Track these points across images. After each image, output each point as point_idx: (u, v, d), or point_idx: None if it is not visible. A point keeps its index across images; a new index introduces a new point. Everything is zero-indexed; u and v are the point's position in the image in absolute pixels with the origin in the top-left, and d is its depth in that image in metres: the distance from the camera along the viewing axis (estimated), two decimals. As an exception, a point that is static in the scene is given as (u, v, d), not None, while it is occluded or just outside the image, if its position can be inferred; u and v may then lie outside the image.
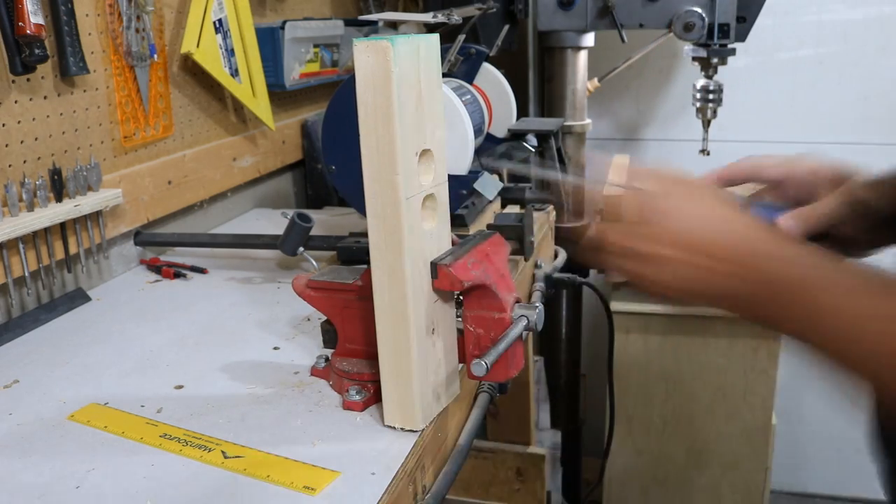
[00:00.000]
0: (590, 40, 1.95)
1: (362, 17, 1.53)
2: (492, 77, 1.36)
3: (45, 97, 1.12)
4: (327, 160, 1.15)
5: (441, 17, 1.26)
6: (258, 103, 1.56)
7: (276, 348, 0.98)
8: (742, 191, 0.98)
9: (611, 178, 0.84)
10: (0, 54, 1.03)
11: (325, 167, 1.16)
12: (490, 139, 1.34)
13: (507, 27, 1.60)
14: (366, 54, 0.67)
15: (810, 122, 2.27)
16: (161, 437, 0.77)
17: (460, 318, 0.79)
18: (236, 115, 1.59)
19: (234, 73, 1.49)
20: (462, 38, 1.27)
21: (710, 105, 1.89)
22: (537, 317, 0.75)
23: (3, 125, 1.06)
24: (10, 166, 1.07)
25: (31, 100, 1.09)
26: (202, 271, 1.26)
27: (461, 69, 1.31)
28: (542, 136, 1.36)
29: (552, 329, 2.16)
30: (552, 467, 1.79)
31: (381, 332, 0.74)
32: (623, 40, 1.79)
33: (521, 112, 1.76)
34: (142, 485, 0.70)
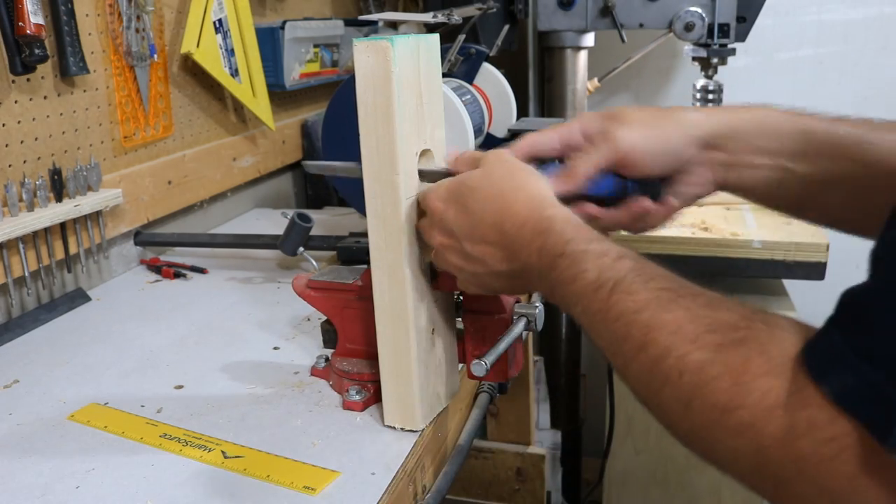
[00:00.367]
0: (590, 40, 1.95)
1: (362, 17, 1.53)
2: (492, 77, 1.36)
3: (45, 97, 1.12)
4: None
5: (441, 17, 1.26)
6: (258, 103, 1.56)
7: (276, 348, 0.98)
8: None
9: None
10: (0, 54, 1.03)
11: (325, 167, 1.16)
12: (490, 139, 1.34)
13: (507, 27, 1.60)
14: (366, 54, 0.67)
15: (810, 122, 2.27)
16: (161, 437, 0.77)
17: (460, 318, 0.79)
18: (236, 115, 1.59)
19: (234, 73, 1.49)
20: (462, 38, 1.27)
21: (710, 105, 1.89)
22: (537, 317, 0.75)
23: (3, 125, 1.06)
24: (10, 166, 1.07)
25: (31, 100, 1.09)
26: (202, 271, 1.26)
27: (461, 69, 1.31)
28: (542, 136, 1.36)
29: (552, 329, 2.15)
30: (552, 467, 1.79)
31: (381, 332, 0.74)
32: (623, 40, 1.79)
33: (521, 112, 1.76)
34: (142, 485, 0.70)
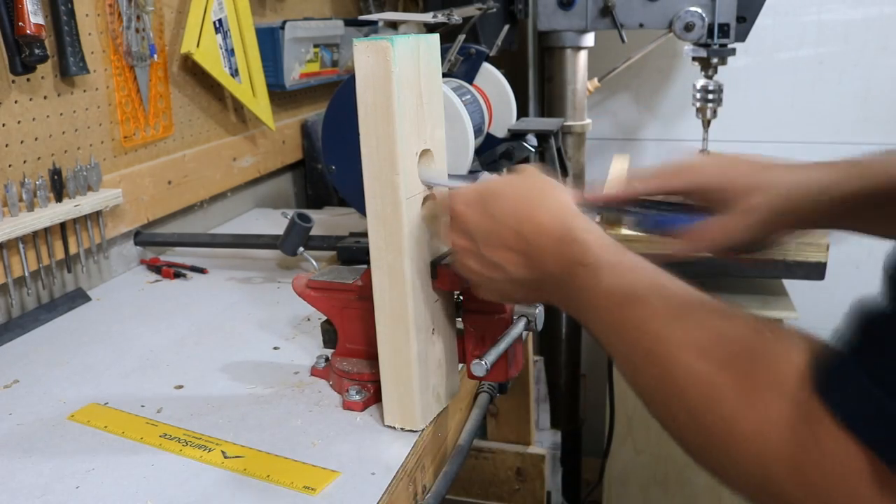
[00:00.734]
0: (590, 40, 1.95)
1: (362, 17, 1.52)
2: (492, 77, 1.36)
3: (45, 97, 1.12)
4: (327, 160, 1.15)
5: (441, 17, 1.26)
6: (258, 103, 1.56)
7: (276, 348, 0.98)
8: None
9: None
10: (0, 54, 1.03)
11: (325, 167, 1.16)
12: (490, 139, 1.34)
13: (507, 27, 1.60)
14: (366, 54, 0.67)
15: (810, 122, 2.27)
16: (161, 437, 0.77)
17: (460, 318, 0.79)
18: (236, 115, 1.59)
19: (234, 73, 1.49)
20: (462, 38, 1.27)
21: (710, 105, 1.89)
22: (537, 317, 0.75)
23: (3, 125, 1.06)
24: (10, 166, 1.07)
25: (31, 100, 1.09)
26: (202, 271, 1.26)
27: (461, 69, 1.31)
28: (542, 136, 1.36)
29: (552, 329, 2.15)
30: (552, 467, 1.79)
31: (381, 332, 0.74)
32: (623, 40, 1.79)
33: (521, 112, 1.76)
34: (142, 485, 0.70)
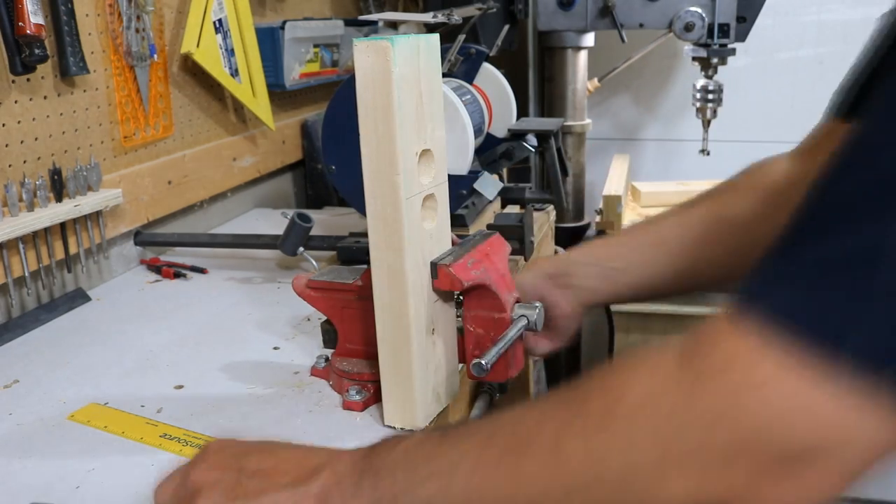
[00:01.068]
0: (590, 40, 1.95)
1: (362, 17, 1.53)
2: (492, 77, 1.36)
3: (45, 97, 1.12)
4: (327, 160, 1.15)
5: (441, 17, 1.26)
6: (258, 103, 1.56)
7: (276, 348, 0.98)
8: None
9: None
10: (0, 54, 1.03)
11: (325, 167, 1.16)
12: (490, 139, 1.34)
13: (507, 27, 1.59)
14: (366, 54, 0.67)
15: (810, 122, 2.25)
16: (161, 437, 0.77)
17: (460, 318, 0.79)
18: (236, 115, 1.59)
19: (234, 73, 1.49)
20: (462, 38, 1.27)
21: (710, 105, 1.89)
22: (537, 317, 0.75)
23: (3, 125, 1.06)
24: (10, 166, 1.07)
25: (31, 100, 1.09)
26: (202, 271, 1.26)
27: (461, 69, 1.31)
28: (542, 136, 1.36)
29: (552, 329, 2.15)
30: (552, 467, 1.79)
31: (381, 332, 0.74)
32: (623, 40, 1.80)
33: (521, 112, 1.76)
34: (142, 485, 0.70)
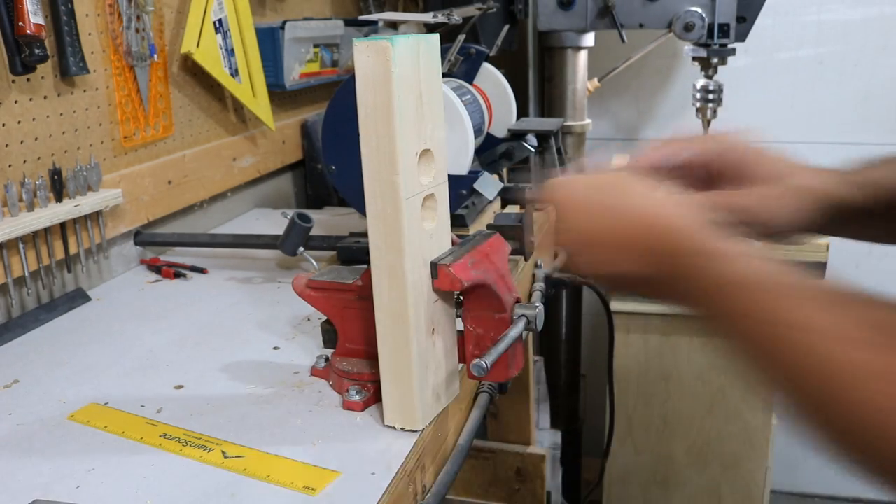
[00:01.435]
0: (590, 40, 1.95)
1: (362, 17, 1.52)
2: (492, 77, 1.36)
3: (45, 97, 1.12)
4: (327, 160, 1.15)
5: (441, 17, 1.26)
6: (258, 103, 1.56)
7: (276, 348, 0.98)
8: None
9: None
10: (0, 54, 1.03)
11: (325, 167, 1.16)
12: (490, 139, 1.34)
13: (507, 27, 1.60)
14: (366, 54, 0.67)
15: (810, 122, 2.27)
16: (161, 437, 0.77)
17: (460, 318, 0.79)
18: (236, 115, 1.59)
19: (234, 73, 1.49)
20: (462, 38, 1.27)
21: (710, 105, 1.89)
22: (537, 317, 0.75)
23: (3, 125, 1.06)
24: (10, 166, 1.07)
25: (31, 100, 1.09)
26: (202, 271, 1.26)
27: (461, 69, 1.31)
28: (542, 136, 1.36)
29: (552, 329, 2.16)
30: (552, 467, 1.79)
31: (381, 332, 0.74)
32: (623, 40, 1.80)
33: (521, 112, 1.76)
34: (142, 485, 0.70)
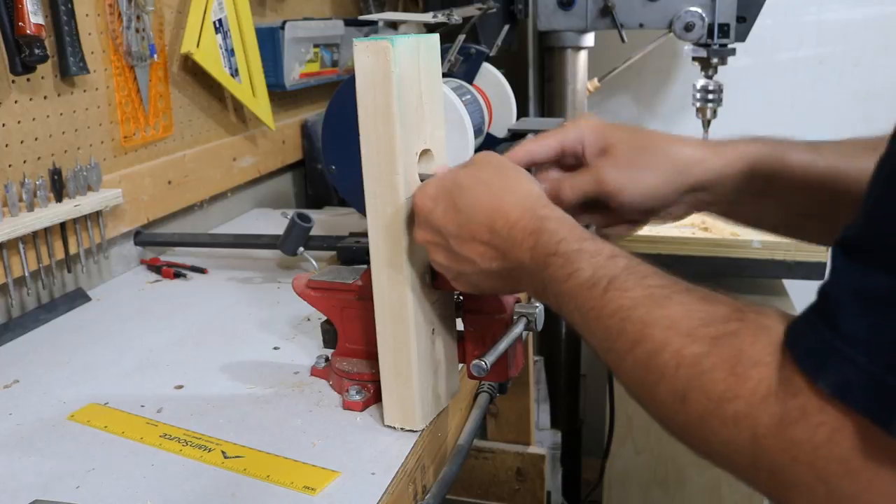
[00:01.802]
0: (590, 40, 1.95)
1: (362, 17, 1.53)
2: (492, 77, 1.36)
3: (45, 97, 1.12)
4: (327, 160, 1.15)
5: (441, 17, 1.26)
6: (258, 103, 1.56)
7: (276, 348, 0.98)
8: None
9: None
10: (0, 54, 1.03)
11: (325, 167, 1.16)
12: (490, 139, 1.34)
13: (507, 27, 1.60)
14: (366, 54, 0.67)
15: (810, 122, 2.27)
16: (161, 437, 0.77)
17: (460, 318, 0.79)
18: (236, 115, 1.59)
19: (234, 73, 1.49)
20: (462, 38, 1.27)
21: (710, 105, 1.89)
22: (537, 317, 0.75)
23: (3, 125, 1.05)
24: (10, 166, 1.06)
25: (31, 100, 1.09)
26: (202, 271, 1.26)
27: (461, 69, 1.31)
28: (542, 136, 1.36)
29: (552, 329, 2.15)
30: (552, 467, 1.79)
31: (381, 332, 0.74)
32: (623, 40, 1.79)
33: (521, 112, 1.76)
34: (142, 485, 0.70)
